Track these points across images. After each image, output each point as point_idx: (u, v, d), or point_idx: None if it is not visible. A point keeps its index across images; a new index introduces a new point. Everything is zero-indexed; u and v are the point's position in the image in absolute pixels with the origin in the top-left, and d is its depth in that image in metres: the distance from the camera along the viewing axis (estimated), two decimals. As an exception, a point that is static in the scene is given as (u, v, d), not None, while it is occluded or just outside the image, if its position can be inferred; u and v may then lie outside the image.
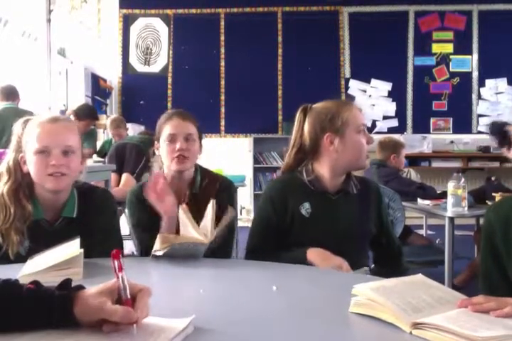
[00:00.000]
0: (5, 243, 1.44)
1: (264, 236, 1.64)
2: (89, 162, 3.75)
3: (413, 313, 0.85)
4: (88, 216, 1.55)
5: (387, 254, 1.77)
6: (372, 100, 6.52)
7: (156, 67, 6.59)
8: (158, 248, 1.36)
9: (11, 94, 4.08)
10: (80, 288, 0.86)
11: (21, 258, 1.39)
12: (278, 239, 1.62)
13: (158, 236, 1.39)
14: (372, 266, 1.84)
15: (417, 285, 0.97)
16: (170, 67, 6.57)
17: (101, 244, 1.40)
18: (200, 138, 1.87)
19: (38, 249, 1.35)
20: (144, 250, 1.66)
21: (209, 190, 1.82)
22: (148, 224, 1.76)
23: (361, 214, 1.67)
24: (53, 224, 1.53)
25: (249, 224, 1.74)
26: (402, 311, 0.86)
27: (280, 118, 6.53)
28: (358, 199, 1.67)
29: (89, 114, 4.55)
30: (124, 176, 3.89)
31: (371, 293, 0.90)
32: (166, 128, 1.81)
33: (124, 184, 3.81)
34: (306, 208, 1.63)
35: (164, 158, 1.81)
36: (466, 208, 2.77)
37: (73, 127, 1.56)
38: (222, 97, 6.55)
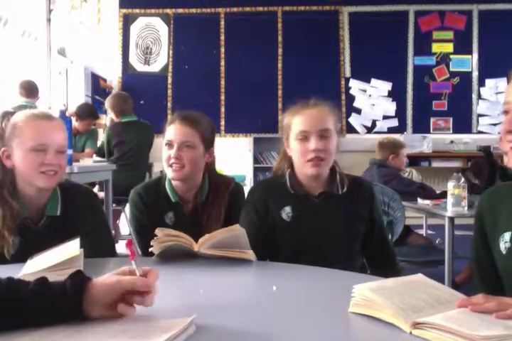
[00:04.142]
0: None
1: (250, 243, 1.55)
2: (90, 162, 3.75)
3: (413, 313, 0.85)
4: (74, 214, 1.54)
5: (380, 255, 1.72)
6: (372, 100, 6.52)
7: (156, 67, 6.59)
8: (154, 249, 1.36)
9: (32, 90, 4.08)
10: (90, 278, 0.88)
11: (11, 257, 1.40)
12: (263, 243, 1.57)
13: (156, 230, 1.38)
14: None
15: (416, 285, 0.97)
16: (170, 66, 6.57)
17: (92, 244, 1.37)
18: (207, 143, 1.79)
19: (26, 247, 1.34)
20: (145, 255, 1.65)
21: (220, 197, 1.79)
22: (149, 230, 1.75)
23: (349, 215, 1.63)
24: (38, 223, 1.51)
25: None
26: (402, 311, 0.85)
27: (280, 118, 6.50)
28: (345, 199, 1.63)
29: (89, 113, 4.54)
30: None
31: (371, 294, 0.90)
32: (167, 132, 1.77)
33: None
34: (287, 212, 1.61)
35: (163, 162, 1.78)
36: (466, 208, 2.77)
37: (64, 126, 1.56)
38: (222, 97, 6.55)
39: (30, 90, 4.06)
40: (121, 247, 1.68)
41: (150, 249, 1.36)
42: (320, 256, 1.45)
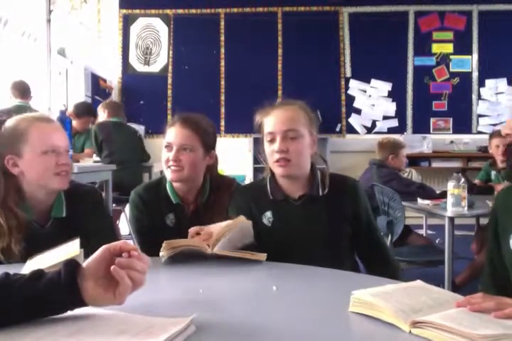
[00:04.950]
0: (5, 256, 1.40)
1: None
2: (90, 162, 3.75)
3: (412, 313, 0.85)
4: (79, 215, 1.53)
5: (374, 256, 1.67)
6: (372, 100, 6.52)
7: (156, 67, 6.59)
8: (164, 253, 1.34)
9: (26, 91, 4.09)
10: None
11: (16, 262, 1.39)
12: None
13: (164, 243, 1.35)
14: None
15: (415, 290, 0.98)
16: (170, 67, 6.57)
17: (101, 244, 1.37)
18: (208, 146, 1.78)
19: (32, 251, 1.32)
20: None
21: (221, 198, 1.77)
22: (150, 231, 1.74)
23: (331, 216, 1.59)
24: (45, 226, 1.50)
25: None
26: (401, 311, 0.86)
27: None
28: (327, 200, 1.60)
29: (87, 111, 4.56)
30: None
31: (370, 298, 0.91)
32: (167, 134, 1.76)
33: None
34: (268, 217, 1.60)
35: (162, 164, 1.77)
36: (466, 208, 2.77)
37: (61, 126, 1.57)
38: (222, 97, 6.55)
39: (23, 91, 4.08)
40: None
41: (160, 256, 1.34)
42: (305, 260, 1.42)
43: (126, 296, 0.88)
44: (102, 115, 4.54)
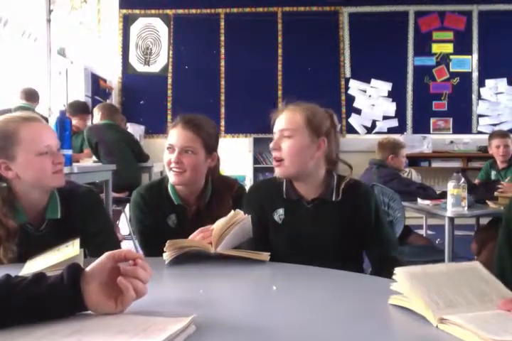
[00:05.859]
0: None
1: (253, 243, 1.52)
2: (90, 162, 3.75)
3: (445, 308, 0.84)
4: (75, 216, 1.50)
5: (380, 260, 1.65)
6: (372, 100, 6.52)
7: (156, 67, 6.59)
8: (167, 255, 1.33)
9: (32, 96, 4.16)
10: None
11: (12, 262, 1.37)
12: (260, 241, 1.54)
13: (168, 242, 1.33)
14: None
15: (465, 276, 0.93)
16: (170, 67, 6.57)
17: (98, 247, 1.32)
18: (210, 148, 1.77)
19: (28, 253, 1.30)
20: (147, 255, 1.63)
21: (223, 199, 1.77)
22: (151, 231, 1.74)
23: (341, 223, 1.59)
24: (39, 228, 1.48)
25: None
26: (434, 304, 0.84)
27: (280, 118, 6.51)
28: (339, 207, 1.59)
29: (82, 108, 4.57)
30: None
31: (407, 280, 0.89)
32: (169, 135, 1.76)
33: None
34: (279, 214, 1.61)
35: (164, 165, 1.77)
36: (465, 208, 2.77)
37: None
38: (222, 97, 6.55)
39: (30, 95, 4.13)
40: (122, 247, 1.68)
41: (164, 258, 1.34)
42: (310, 261, 1.40)
43: (128, 306, 0.89)
44: (96, 116, 4.53)
